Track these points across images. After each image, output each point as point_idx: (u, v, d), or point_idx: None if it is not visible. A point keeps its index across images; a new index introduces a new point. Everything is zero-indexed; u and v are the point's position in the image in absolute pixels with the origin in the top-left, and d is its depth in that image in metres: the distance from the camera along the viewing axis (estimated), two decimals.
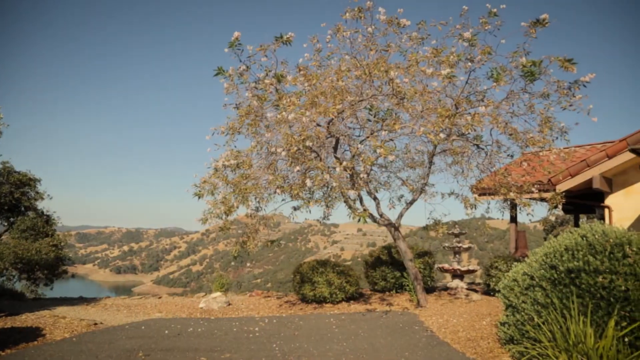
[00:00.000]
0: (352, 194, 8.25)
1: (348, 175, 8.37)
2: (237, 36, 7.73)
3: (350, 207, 8.72)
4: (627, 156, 9.21)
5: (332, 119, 7.79)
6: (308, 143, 7.41)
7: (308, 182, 7.51)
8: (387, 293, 11.43)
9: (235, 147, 8.56)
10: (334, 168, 7.62)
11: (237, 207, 8.11)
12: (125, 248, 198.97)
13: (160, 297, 12.48)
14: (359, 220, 7.34)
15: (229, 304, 10.26)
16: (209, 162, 8.38)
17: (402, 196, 10.54)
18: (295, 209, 9.36)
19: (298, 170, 8.18)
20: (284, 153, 7.50)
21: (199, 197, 8.19)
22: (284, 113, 7.45)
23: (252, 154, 8.48)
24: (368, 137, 8.42)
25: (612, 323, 4.74)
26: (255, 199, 8.43)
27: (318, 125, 7.93)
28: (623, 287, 4.85)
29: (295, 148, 7.39)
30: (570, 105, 7.71)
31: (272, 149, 8.08)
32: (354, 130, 9.38)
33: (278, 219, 10.93)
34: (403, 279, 10.89)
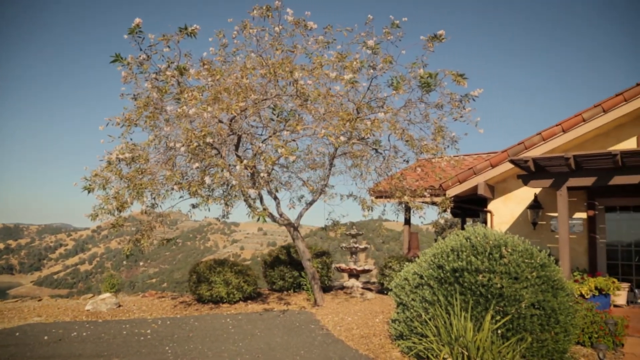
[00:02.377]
0: (252, 192, 8.19)
1: (249, 174, 8.30)
2: (137, 23, 7.35)
3: (250, 206, 8.65)
4: (507, 166, 10.08)
5: (235, 116, 7.68)
6: (209, 139, 7.23)
7: (207, 180, 7.33)
8: (285, 292, 11.50)
9: (131, 139, 8.13)
10: (235, 166, 7.52)
11: (132, 203, 7.72)
12: (1, 245, 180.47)
13: (40, 300, 11.47)
14: (259, 219, 7.30)
15: (120, 306, 9.71)
16: (102, 154, 7.90)
17: (302, 196, 10.67)
18: (193, 206, 9.10)
19: (197, 167, 7.97)
20: (183, 148, 7.26)
21: (89, 192, 7.67)
22: (184, 107, 7.21)
23: (149, 148, 8.11)
24: (270, 137, 8.41)
25: (488, 317, 5.16)
26: (151, 195, 8.09)
27: (220, 121, 7.77)
28: (499, 285, 5.30)
29: (196, 144, 7.19)
30: (461, 117, 8.27)
31: (170, 144, 7.79)
32: (256, 128, 9.33)
33: (176, 216, 10.56)
34: (301, 278, 11.02)
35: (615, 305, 9.00)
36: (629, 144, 9.81)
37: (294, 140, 8.60)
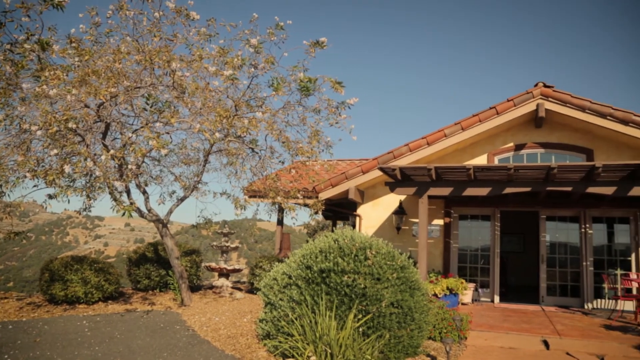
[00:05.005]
0: (119, 185, 7.67)
1: (116, 165, 7.77)
2: None
3: (115, 199, 8.08)
4: (377, 173, 10.69)
5: (104, 102, 7.13)
6: (72, 125, 6.62)
7: (67, 168, 6.71)
8: (151, 292, 10.96)
9: None
10: (100, 156, 6.98)
11: None
12: None
13: None
14: (124, 214, 6.85)
15: None
16: None
17: (174, 192, 10.24)
18: (50, 197, 8.24)
19: (56, 154, 7.25)
20: (40, 132, 6.56)
21: None
22: (45, 86, 6.52)
23: None
24: (142, 127, 7.95)
25: (351, 316, 5.40)
26: None
27: (87, 106, 7.17)
28: (362, 285, 5.57)
29: (56, 128, 6.52)
30: (337, 123, 8.55)
31: (25, 126, 6.98)
32: (128, 117, 8.76)
33: (29, 207, 9.51)
34: (168, 277, 10.59)
35: (462, 303, 9.97)
36: (481, 160, 10.95)
37: (167, 133, 8.24)
